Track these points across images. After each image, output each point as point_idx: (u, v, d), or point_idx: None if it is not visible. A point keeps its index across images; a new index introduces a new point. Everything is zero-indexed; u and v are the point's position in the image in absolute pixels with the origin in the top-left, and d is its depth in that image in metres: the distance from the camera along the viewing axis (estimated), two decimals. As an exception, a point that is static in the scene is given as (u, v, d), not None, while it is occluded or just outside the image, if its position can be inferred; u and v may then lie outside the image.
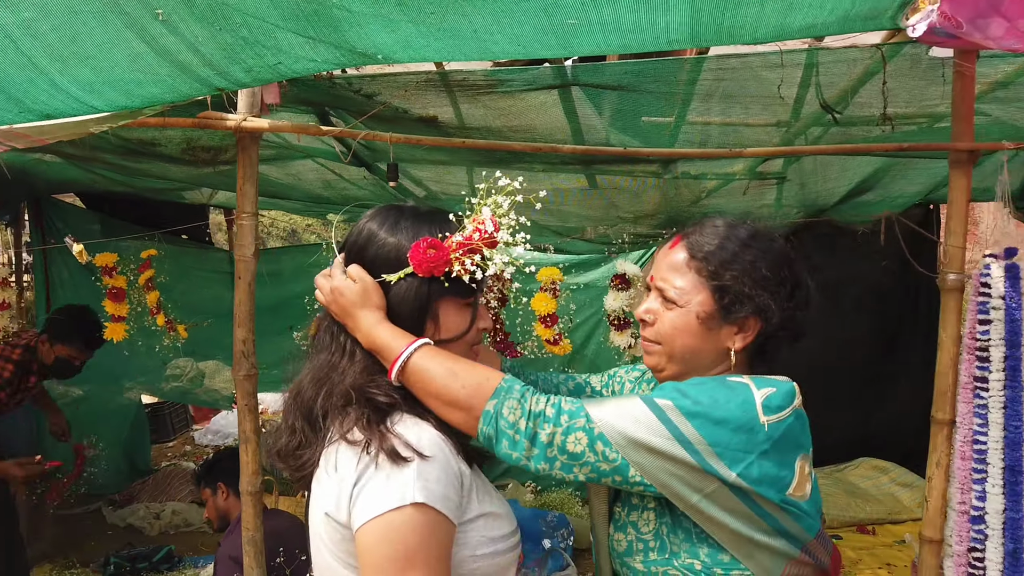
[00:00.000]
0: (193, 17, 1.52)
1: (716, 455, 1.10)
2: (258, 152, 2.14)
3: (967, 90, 1.98)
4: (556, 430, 1.12)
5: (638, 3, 1.37)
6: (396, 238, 1.22)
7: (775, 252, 1.25)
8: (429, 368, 1.14)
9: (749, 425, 1.12)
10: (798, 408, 1.17)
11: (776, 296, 1.22)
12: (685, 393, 1.15)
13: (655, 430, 1.11)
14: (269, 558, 2.26)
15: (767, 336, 1.25)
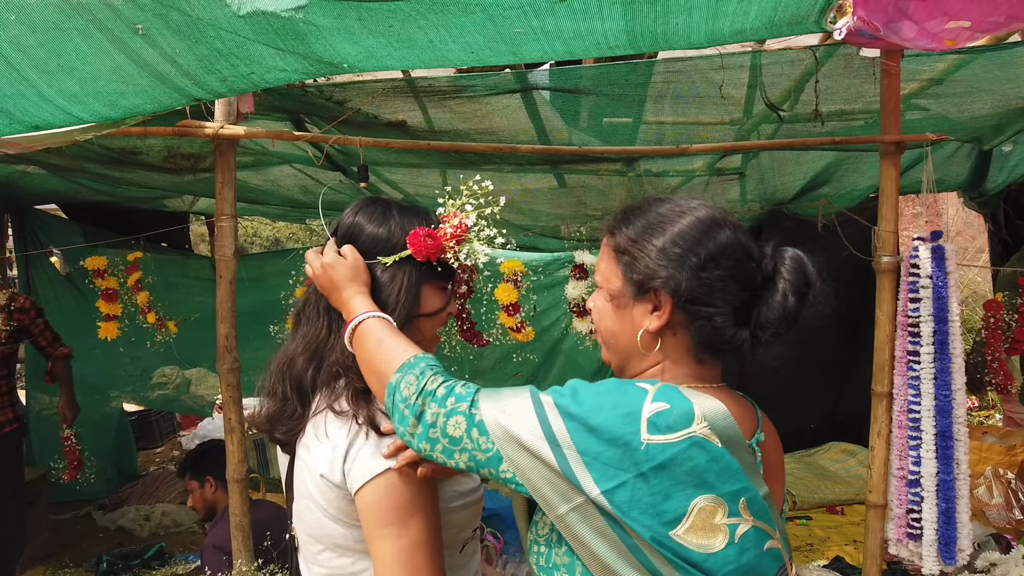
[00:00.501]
0: (170, 30, 1.64)
1: (584, 464, 0.98)
2: (235, 158, 2.27)
3: (893, 87, 2.14)
4: (440, 411, 1.08)
5: (575, 12, 1.51)
6: (388, 226, 1.35)
7: (689, 221, 1.10)
8: (368, 335, 1.21)
9: (625, 440, 0.97)
10: (698, 436, 0.98)
11: (682, 265, 1.07)
12: (575, 392, 1.04)
13: (529, 425, 1.02)
14: (256, 543, 2.38)
15: (686, 313, 1.09)
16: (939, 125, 2.91)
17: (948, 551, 2.14)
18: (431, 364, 1.14)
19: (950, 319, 2.10)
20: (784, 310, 1.07)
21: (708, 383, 1.13)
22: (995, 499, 4.19)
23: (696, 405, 1.00)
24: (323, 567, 1.25)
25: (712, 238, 1.08)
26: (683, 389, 1.04)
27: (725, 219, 1.11)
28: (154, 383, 5.85)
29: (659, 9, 1.56)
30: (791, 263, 1.09)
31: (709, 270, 1.07)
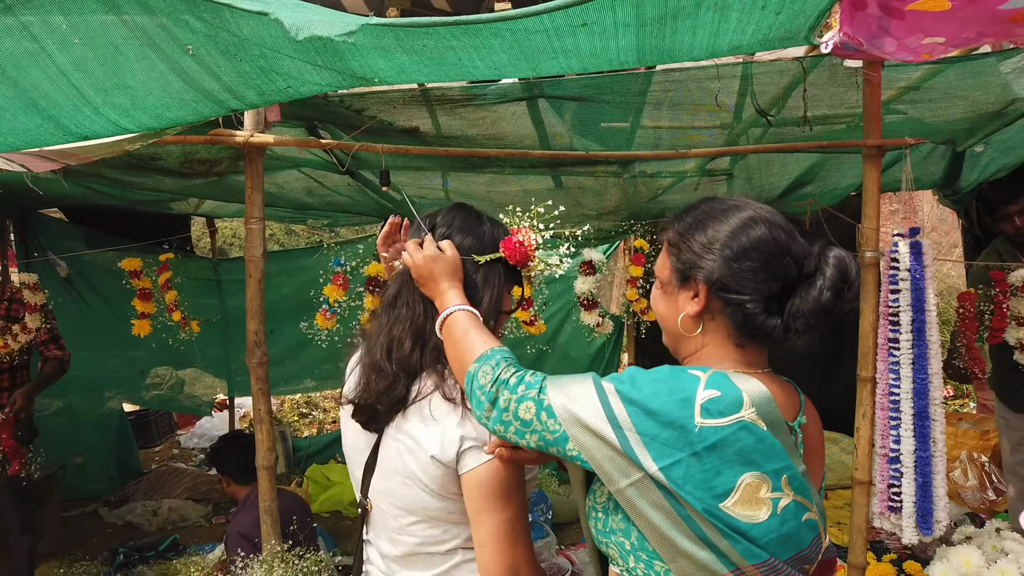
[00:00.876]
0: (218, 50, 1.79)
1: (643, 444, 1.10)
2: (263, 164, 2.41)
3: (875, 94, 2.33)
4: (512, 397, 1.20)
5: (593, 33, 1.68)
6: (482, 230, 1.53)
7: (729, 219, 1.23)
8: (456, 325, 1.35)
9: (681, 423, 1.09)
10: (746, 421, 1.09)
11: (718, 256, 1.20)
12: (633, 380, 1.16)
13: (593, 409, 1.14)
14: (282, 528, 2.52)
15: (720, 299, 1.22)
16: (916, 127, 3.11)
17: (926, 522, 2.34)
18: (505, 356, 1.27)
19: (927, 309, 2.29)
20: (817, 303, 1.17)
21: (754, 368, 1.24)
22: (970, 481, 4.42)
23: (744, 392, 1.11)
24: (414, 536, 1.40)
25: (746, 233, 1.20)
26: (731, 375, 1.15)
27: (763, 217, 1.23)
28: (148, 383, 5.95)
29: (667, 30, 1.73)
30: (834, 260, 1.19)
31: (741, 261, 1.19)
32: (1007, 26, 1.85)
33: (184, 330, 3.80)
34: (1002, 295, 2.92)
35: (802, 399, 1.31)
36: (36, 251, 4.84)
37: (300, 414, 7.44)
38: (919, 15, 1.79)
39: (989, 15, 1.75)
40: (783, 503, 1.10)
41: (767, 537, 1.09)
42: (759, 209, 1.26)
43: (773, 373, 1.29)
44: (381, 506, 1.44)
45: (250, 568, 2.32)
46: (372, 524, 1.49)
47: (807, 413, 1.29)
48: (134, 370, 5.62)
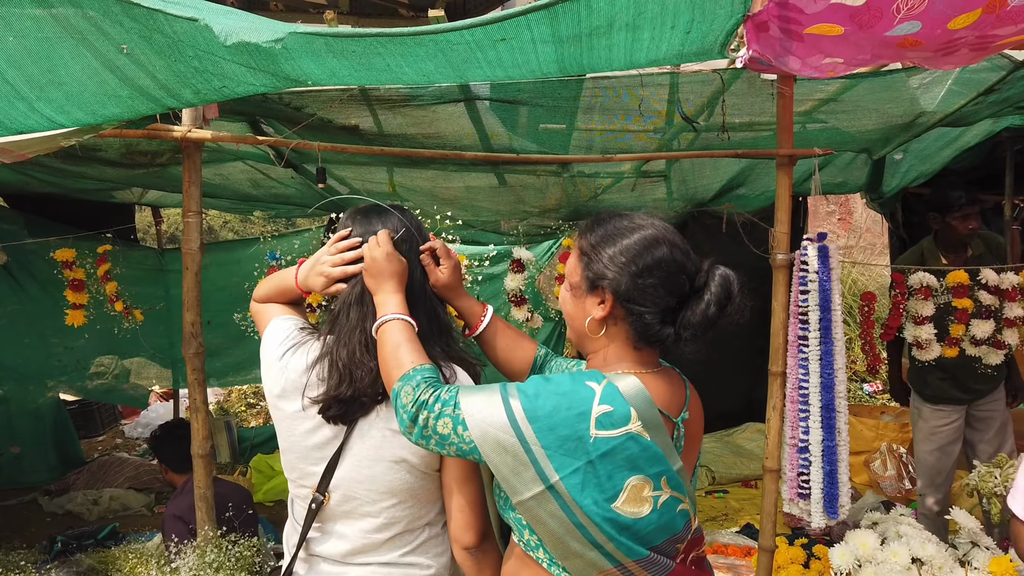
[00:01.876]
0: (152, 51, 1.84)
1: (547, 457, 1.24)
2: (201, 158, 2.46)
3: (787, 107, 2.47)
4: (430, 415, 1.30)
5: (513, 49, 1.78)
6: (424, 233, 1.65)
7: (636, 237, 1.36)
8: (389, 336, 1.44)
9: (579, 435, 1.24)
10: (633, 432, 1.25)
11: (624, 270, 1.33)
12: (537, 396, 1.28)
13: (502, 425, 1.26)
14: (218, 515, 2.58)
15: (625, 309, 1.35)
16: (834, 136, 3.28)
17: (832, 507, 2.51)
18: (426, 376, 1.36)
19: (833, 308, 2.45)
20: (704, 316, 1.33)
21: (647, 367, 1.40)
22: (888, 471, 4.67)
23: (633, 407, 1.27)
24: (393, 518, 1.51)
25: (651, 253, 1.35)
26: (620, 377, 1.32)
27: (666, 238, 1.37)
28: (92, 373, 5.88)
29: (584, 47, 1.84)
30: (720, 279, 1.35)
31: (644, 278, 1.34)
32: (897, 50, 2.01)
33: (127, 319, 3.80)
34: (900, 296, 3.11)
35: (687, 394, 1.46)
36: (-27, 237, 4.76)
37: (247, 404, 7.43)
38: (817, 38, 1.93)
39: (879, 40, 1.90)
40: (662, 499, 1.28)
41: (648, 528, 1.29)
42: (662, 229, 1.39)
43: (668, 369, 1.47)
44: (354, 494, 1.49)
45: (183, 554, 2.38)
46: (329, 515, 1.52)
47: (691, 407, 1.46)
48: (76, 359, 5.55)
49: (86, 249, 4.01)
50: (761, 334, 5.62)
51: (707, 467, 5.09)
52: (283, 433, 1.56)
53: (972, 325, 3.03)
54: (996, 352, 3.07)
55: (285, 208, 4.70)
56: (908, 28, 1.81)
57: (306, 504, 1.52)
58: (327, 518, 1.52)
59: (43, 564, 3.66)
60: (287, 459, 1.57)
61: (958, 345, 3.09)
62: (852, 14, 1.75)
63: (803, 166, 4.03)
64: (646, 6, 1.68)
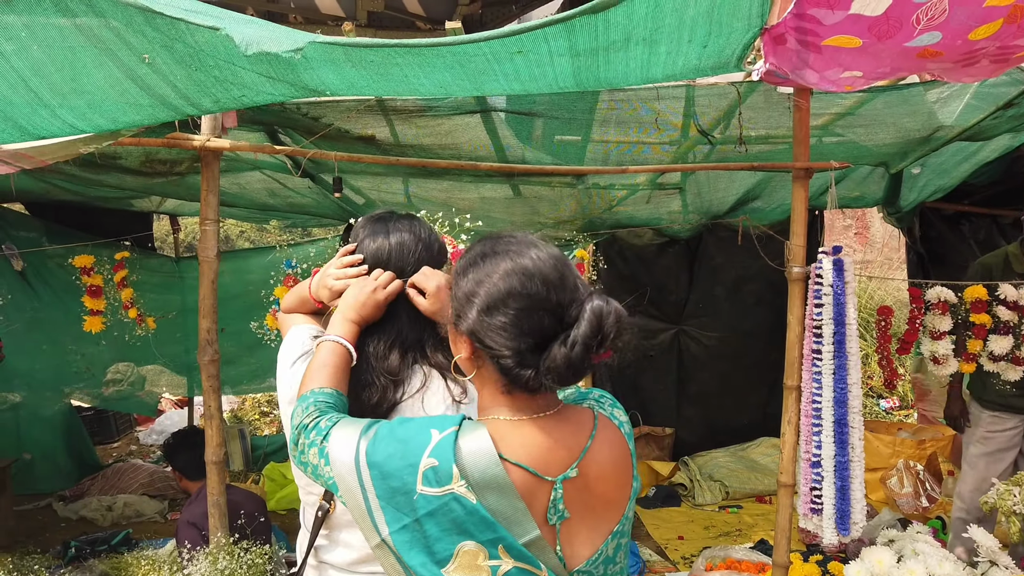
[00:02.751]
0: (173, 60, 1.87)
1: (380, 507, 1.13)
2: (219, 167, 2.49)
3: (804, 120, 2.47)
4: (305, 442, 1.24)
5: (530, 61, 1.79)
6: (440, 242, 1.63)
7: (489, 267, 1.17)
8: (318, 355, 1.41)
9: (406, 488, 1.11)
10: (455, 493, 1.09)
11: (472, 305, 1.16)
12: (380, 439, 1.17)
13: (348, 467, 1.16)
14: (231, 521, 2.59)
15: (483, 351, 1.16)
16: (851, 150, 3.27)
17: (843, 523, 2.48)
18: (318, 400, 1.30)
19: (847, 322, 2.44)
20: (567, 359, 1.10)
21: (524, 414, 1.18)
22: (905, 488, 4.61)
23: (457, 465, 1.10)
24: None
25: (498, 286, 1.14)
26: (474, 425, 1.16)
27: (522, 268, 1.15)
28: (107, 380, 5.93)
29: (600, 61, 1.84)
30: (590, 315, 1.12)
31: (492, 315, 1.13)
32: (917, 61, 2.00)
33: (140, 327, 3.84)
34: (916, 310, 3.09)
35: (588, 446, 1.20)
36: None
37: (261, 412, 7.45)
38: (835, 50, 1.93)
39: (899, 51, 1.90)
40: (503, 569, 1.12)
41: None
42: (523, 256, 1.17)
43: (569, 413, 1.23)
44: None
45: (196, 560, 2.39)
46: (336, 523, 1.52)
47: (592, 462, 1.19)
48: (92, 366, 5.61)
49: (104, 256, 4.06)
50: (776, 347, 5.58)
51: (721, 482, 5.05)
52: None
53: (990, 340, 3.00)
54: (1015, 368, 3.03)
55: (301, 217, 4.74)
56: (929, 39, 1.80)
57: (312, 510, 1.53)
58: (334, 526, 1.52)
59: (56, 569, 3.68)
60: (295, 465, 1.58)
61: (975, 360, 3.06)
62: (871, 25, 1.75)
63: (820, 179, 4.02)
64: (663, 20, 1.69)
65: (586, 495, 1.18)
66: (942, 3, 1.67)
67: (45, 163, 2.07)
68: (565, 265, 1.18)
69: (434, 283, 1.49)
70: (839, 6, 1.71)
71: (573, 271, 1.20)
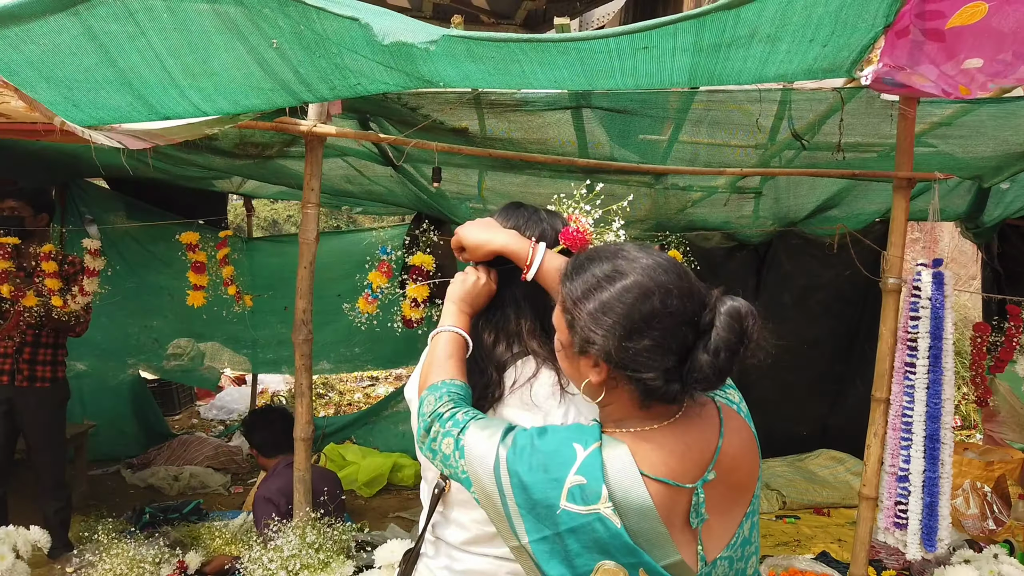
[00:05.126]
0: (300, 46, 1.93)
1: (520, 516, 1.14)
2: (322, 153, 2.55)
3: (908, 129, 2.44)
4: (440, 429, 1.27)
5: (652, 57, 1.80)
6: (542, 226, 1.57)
7: (619, 288, 1.13)
8: (437, 347, 1.44)
9: (549, 502, 1.11)
10: (601, 514, 1.08)
11: (611, 336, 1.11)
12: (523, 449, 1.17)
13: (487, 470, 1.18)
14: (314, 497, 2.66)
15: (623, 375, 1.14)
16: (944, 162, 3.21)
17: (930, 539, 2.45)
18: (451, 391, 1.33)
19: (945, 336, 2.40)
20: (713, 368, 1.09)
21: (657, 422, 1.17)
22: (971, 510, 4.51)
23: (607, 485, 1.09)
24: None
25: (638, 309, 1.10)
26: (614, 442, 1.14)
27: (657, 283, 1.12)
28: (169, 354, 6.11)
29: (720, 57, 1.85)
30: (726, 319, 1.10)
31: (635, 340, 1.09)
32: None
33: (238, 304, 3.96)
34: (1015, 328, 3.02)
35: (720, 442, 1.19)
36: (74, 217, 4.97)
37: (317, 395, 7.59)
38: (957, 32, 1.88)
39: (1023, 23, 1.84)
40: None
41: None
42: (651, 271, 1.14)
43: (698, 410, 1.21)
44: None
45: (284, 532, 2.46)
46: (451, 502, 1.54)
47: (726, 457, 1.18)
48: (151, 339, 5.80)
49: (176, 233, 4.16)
50: (840, 359, 5.55)
51: (778, 491, 4.99)
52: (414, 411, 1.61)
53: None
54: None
55: (374, 204, 4.81)
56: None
57: (431, 488, 1.57)
58: (449, 504, 1.55)
59: (131, 534, 3.81)
60: None
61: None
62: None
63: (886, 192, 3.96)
64: (792, 17, 1.69)
65: (722, 490, 1.18)
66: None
67: (175, 141, 2.15)
68: (684, 269, 1.17)
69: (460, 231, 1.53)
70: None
71: (690, 272, 1.18)
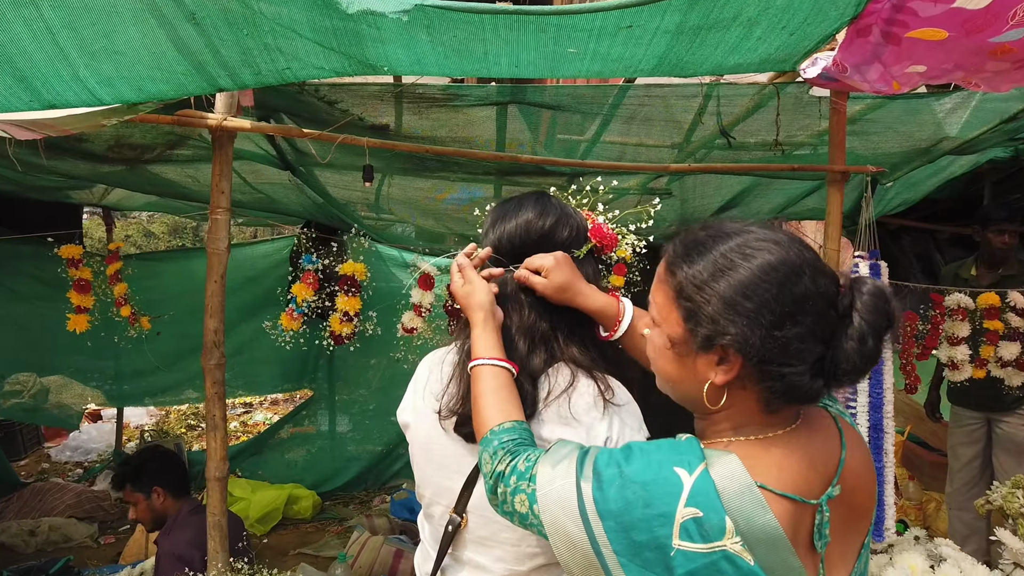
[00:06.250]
0: (225, 22, 1.66)
1: (620, 565, 0.97)
2: (232, 151, 2.25)
3: (841, 123, 2.47)
4: (506, 490, 1.11)
5: (630, 38, 1.68)
6: (575, 220, 1.41)
7: (760, 267, 0.97)
8: (476, 385, 1.25)
9: (659, 543, 0.94)
10: (728, 551, 0.92)
11: (756, 323, 0.95)
12: (610, 484, 1.00)
13: (572, 516, 1.01)
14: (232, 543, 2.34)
15: (757, 370, 0.98)
16: (852, 159, 3.32)
17: (878, 529, 2.48)
18: (503, 443, 1.16)
19: (884, 326, 2.44)
20: (862, 356, 0.96)
21: (777, 429, 1.03)
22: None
23: (730, 517, 0.93)
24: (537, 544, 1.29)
25: (789, 290, 0.95)
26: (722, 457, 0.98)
27: (803, 261, 0.98)
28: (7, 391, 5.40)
29: (696, 41, 1.76)
30: (870, 300, 0.97)
31: (786, 328, 0.95)
32: (985, 58, 2.01)
33: (133, 326, 3.45)
34: (940, 316, 3.17)
35: (843, 454, 1.05)
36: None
37: (188, 426, 6.96)
38: (913, 43, 1.91)
39: (976, 47, 1.90)
40: None
41: None
42: (791, 247, 0.99)
43: (813, 419, 1.07)
44: (494, 517, 1.26)
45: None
46: (465, 541, 1.34)
47: (849, 472, 1.04)
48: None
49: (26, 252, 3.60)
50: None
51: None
52: (418, 439, 1.39)
53: (1000, 347, 3.11)
54: (1020, 373, 3.15)
55: (262, 214, 4.43)
56: (1012, 35, 1.81)
57: (440, 525, 1.35)
58: (463, 544, 1.34)
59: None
60: (422, 471, 1.39)
61: (986, 366, 3.16)
62: (967, 18, 1.74)
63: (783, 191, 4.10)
64: (774, 1, 1.62)
65: (844, 510, 1.03)
66: (1043, 0, 1.68)
67: (68, 132, 1.80)
68: (808, 246, 1.01)
69: (551, 260, 1.35)
70: (943, 0, 1.70)
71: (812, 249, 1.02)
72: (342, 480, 5.09)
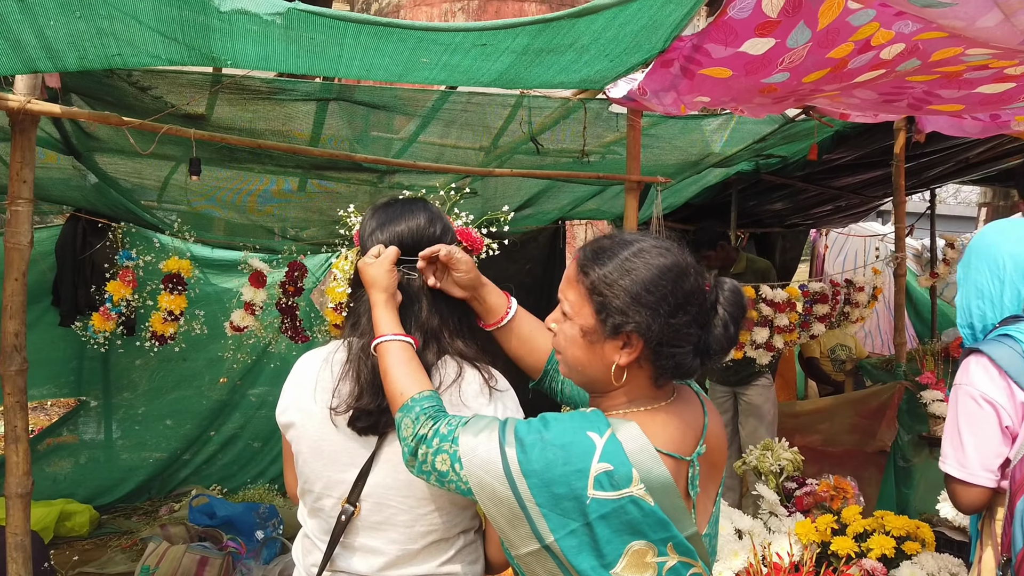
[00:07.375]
0: (56, 2, 1.55)
1: (542, 516, 1.13)
2: (36, 136, 2.05)
3: (636, 138, 2.79)
4: (428, 451, 1.22)
5: (481, 54, 1.81)
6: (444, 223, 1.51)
7: (658, 268, 1.17)
8: (384, 359, 1.35)
9: (575, 494, 1.11)
10: (634, 496, 1.11)
11: (656, 313, 1.15)
12: (532, 446, 1.16)
13: (498, 476, 1.15)
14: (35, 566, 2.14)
15: (655, 351, 1.19)
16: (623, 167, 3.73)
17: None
18: (425, 407, 1.27)
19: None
20: (728, 339, 1.20)
21: (661, 401, 1.24)
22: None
23: (635, 466, 1.12)
24: (429, 524, 1.38)
25: (680, 286, 1.17)
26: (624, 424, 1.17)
27: (687, 263, 1.20)
28: None
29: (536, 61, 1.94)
30: (730, 295, 1.22)
31: (678, 316, 1.16)
32: (753, 93, 2.41)
33: None
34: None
35: (705, 420, 1.29)
36: None
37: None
38: (704, 78, 2.25)
39: (750, 84, 2.28)
40: (668, 565, 1.16)
41: None
42: (678, 252, 1.22)
43: (683, 392, 1.30)
44: (388, 502, 1.37)
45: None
46: (357, 528, 1.39)
47: (710, 433, 1.28)
48: None
49: None
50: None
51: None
52: (307, 438, 1.41)
53: (754, 332, 3.65)
54: (767, 353, 3.73)
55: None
56: (779, 77, 2.20)
57: (332, 517, 1.39)
58: (355, 531, 1.40)
59: None
60: (310, 468, 1.41)
61: (743, 349, 3.70)
62: (748, 61, 2.09)
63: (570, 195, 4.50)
64: (606, 32, 1.85)
65: (707, 466, 1.26)
66: (801, 52, 2.07)
67: None
68: (687, 252, 1.24)
69: (461, 252, 1.47)
70: (732, 44, 2.02)
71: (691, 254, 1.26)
72: (122, 491, 4.68)
